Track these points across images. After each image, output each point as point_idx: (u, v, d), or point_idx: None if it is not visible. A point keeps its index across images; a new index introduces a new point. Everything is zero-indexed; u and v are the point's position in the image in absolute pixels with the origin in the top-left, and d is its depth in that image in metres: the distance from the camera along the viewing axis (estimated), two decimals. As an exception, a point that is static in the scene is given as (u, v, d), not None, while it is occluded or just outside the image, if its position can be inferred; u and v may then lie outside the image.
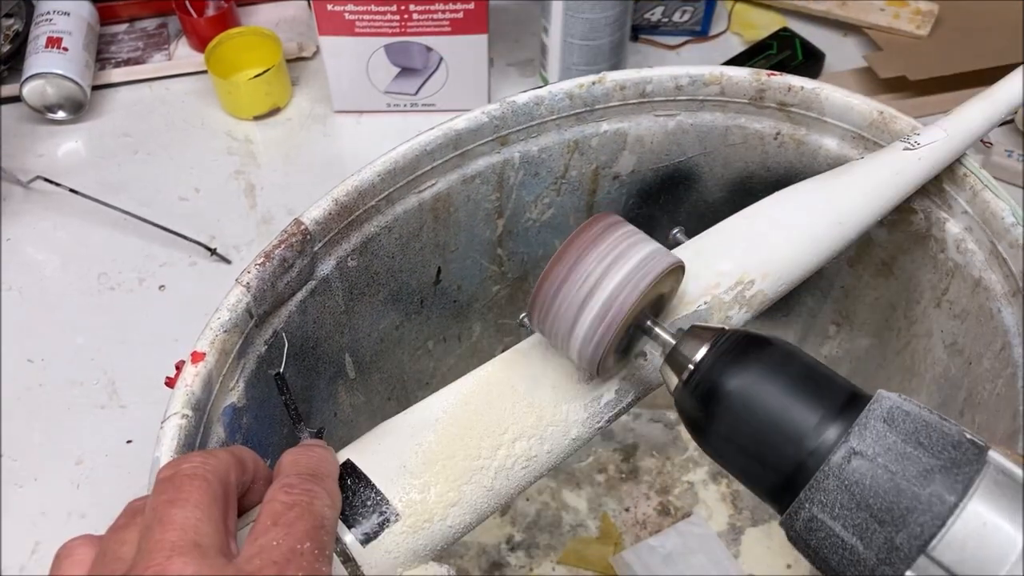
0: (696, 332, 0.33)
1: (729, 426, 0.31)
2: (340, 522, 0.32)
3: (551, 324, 0.35)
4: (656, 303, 0.37)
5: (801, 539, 0.29)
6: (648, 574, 0.60)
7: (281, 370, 0.41)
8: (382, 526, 0.33)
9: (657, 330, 0.35)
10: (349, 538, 0.32)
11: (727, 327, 0.33)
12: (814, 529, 0.28)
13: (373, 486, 0.33)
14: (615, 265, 0.33)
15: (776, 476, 0.30)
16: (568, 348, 0.35)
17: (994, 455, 0.27)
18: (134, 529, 0.27)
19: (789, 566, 0.62)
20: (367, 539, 0.32)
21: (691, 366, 0.32)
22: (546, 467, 0.38)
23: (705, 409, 0.31)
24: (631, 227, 0.35)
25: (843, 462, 0.28)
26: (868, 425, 0.28)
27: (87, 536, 0.28)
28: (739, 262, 0.40)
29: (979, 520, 0.26)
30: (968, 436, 0.28)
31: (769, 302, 0.41)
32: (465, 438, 0.36)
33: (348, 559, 0.31)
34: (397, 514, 0.33)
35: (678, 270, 0.35)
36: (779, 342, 0.32)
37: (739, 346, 0.32)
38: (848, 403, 0.29)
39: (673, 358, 0.34)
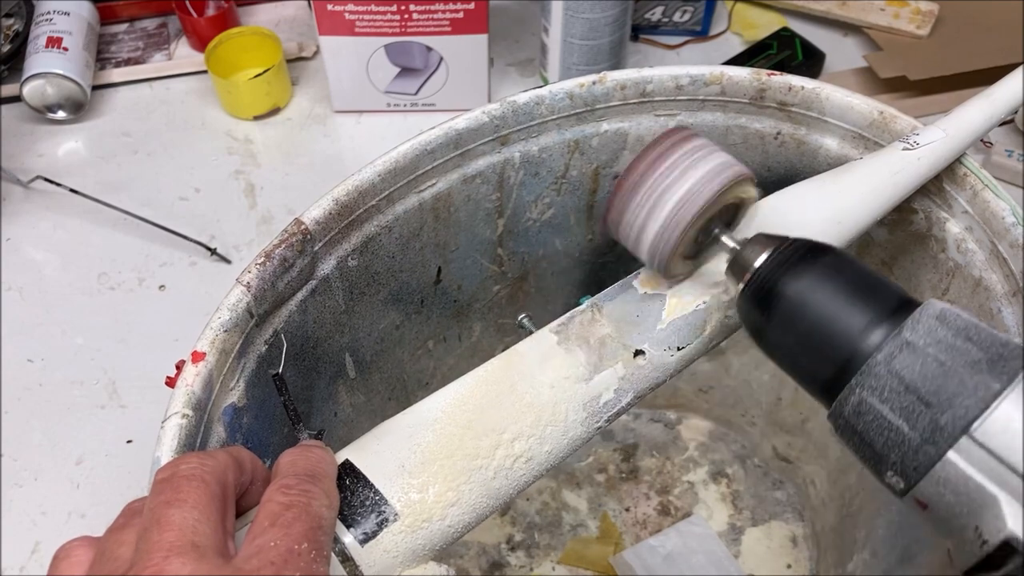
0: (759, 239, 0.35)
1: (785, 327, 0.32)
2: (339, 522, 0.32)
3: (625, 224, 0.37)
4: (727, 212, 0.38)
5: (848, 425, 0.30)
6: (648, 574, 0.60)
7: (280, 371, 0.41)
8: (381, 526, 0.33)
9: (724, 238, 0.37)
10: (348, 538, 0.32)
11: (790, 236, 0.35)
12: (862, 413, 0.30)
13: (372, 486, 0.33)
14: (688, 171, 0.36)
15: (827, 371, 0.31)
16: (639, 247, 0.37)
17: None
18: (132, 530, 0.27)
19: (789, 566, 0.62)
20: (366, 539, 0.32)
21: (752, 270, 0.34)
22: (545, 467, 0.38)
23: (763, 311, 0.33)
24: (702, 140, 0.37)
25: (895, 351, 0.29)
26: (921, 320, 0.30)
27: (85, 537, 0.28)
28: None
29: (1021, 409, 0.27)
30: (1016, 340, 0.29)
31: None
32: (464, 438, 0.36)
33: (347, 559, 0.31)
34: (396, 514, 0.33)
35: (747, 181, 0.37)
36: (837, 250, 0.33)
37: (797, 253, 0.33)
38: (900, 306, 0.31)
39: (736, 263, 0.35)
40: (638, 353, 0.39)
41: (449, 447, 0.35)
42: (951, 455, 0.28)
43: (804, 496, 0.64)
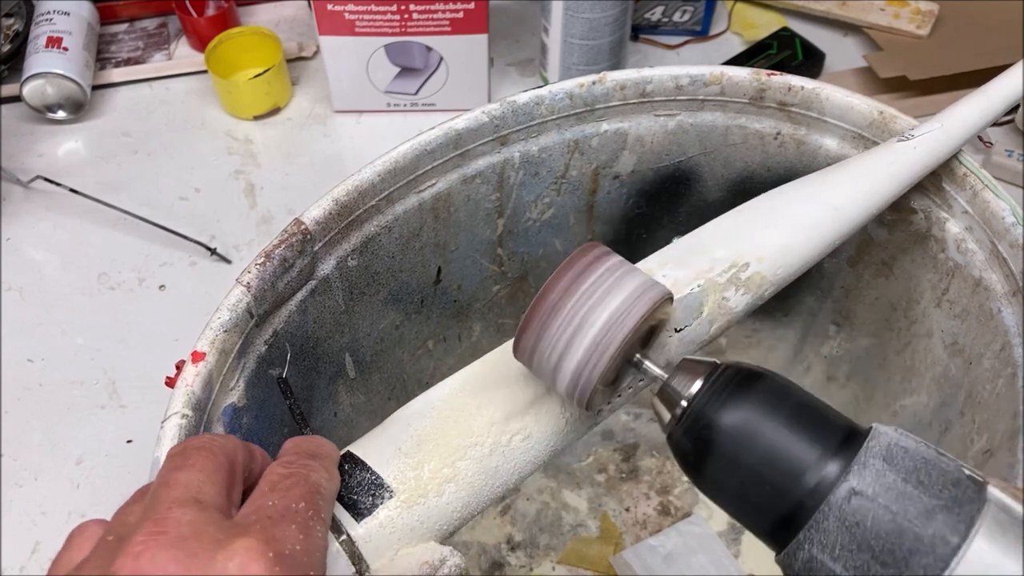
0: (687, 366, 0.32)
1: (725, 464, 0.30)
2: (337, 503, 0.33)
3: (540, 353, 0.34)
4: (646, 334, 0.36)
5: None
6: (648, 574, 0.60)
7: (284, 374, 0.41)
8: (377, 503, 0.33)
9: (647, 364, 0.34)
10: (344, 516, 0.33)
11: (719, 360, 0.32)
12: (814, 570, 0.28)
13: (369, 468, 0.34)
14: (601, 303, 0.33)
15: (774, 515, 0.29)
16: (557, 377, 0.34)
17: (993, 491, 0.27)
18: (141, 504, 0.28)
19: (789, 566, 0.62)
20: (361, 515, 0.33)
21: (684, 403, 0.31)
22: (546, 447, 0.37)
23: (700, 447, 0.31)
24: (617, 259, 0.34)
25: (843, 502, 0.27)
26: (867, 464, 0.28)
27: (99, 519, 0.29)
28: (733, 248, 0.40)
29: (982, 561, 0.26)
30: (967, 472, 0.27)
31: (770, 286, 0.40)
32: (458, 419, 0.36)
33: (343, 535, 0.32)
34: (392, 491, 0.34)
35: (667, 301, 0.35)
36: (773, 375, 0.31)
37: (733, 381, 0.31)
38: (846, 439, 0.29)
39: (665, 394, 0.33)
40: (631, 376, 0.39)
41: (443, 427, 0.36)
42: None
43: (804, 496, 0.64)
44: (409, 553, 0.33)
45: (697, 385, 0.31)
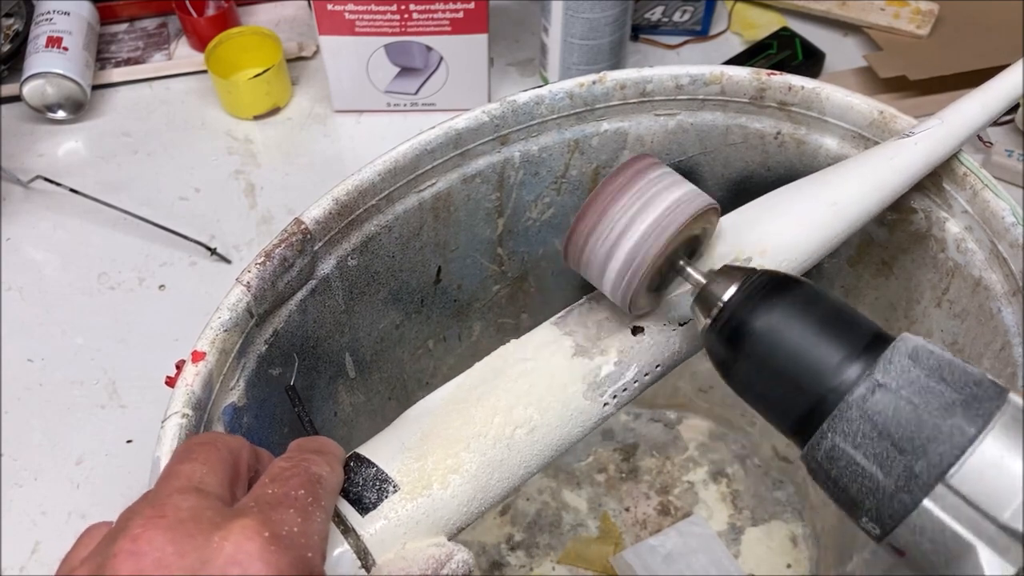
0: (726, 272, 0.34)
1: (755, 363, 0.32)
2: (341, 498, 0.33)
3: (585, 264, 0.36)
4: (691, 243, 0.37)
5: (822, 469, 0.30)
6: (648, 574, 0.60)
7: (292, 383, 0.42)
8: (381, 496, 0.33)
9: (689, 270, 0.36)
10: (348, 510, 0.33)
11: (757, 267, 0.34)
12: (835, 458, 0.29)
13: (373, 464, 0.34)
14: (646, 208, 0.35)
15: (799, 410, 0.30)
16: (603, 280, 0.36)
17: (1014, 396, 0.28)
18: (146, 500, 0.28)
19: (789, 566, 0.62)
20: (366, 510, 0.33)
21: (720, 304, 0.33)
22: (551, 441, 0.37)
23: (732, 347, 0.32)
24: (665, 169, 0.36)
25: (867, 394, 0.29)
26: (893, 360, 0.29)
27: (108, 521, 0.29)
28: (733, 244, 0.41)
29: (997, 453, 0.27)
30: (990, 377, 0.29)
31: None
32: (461, 412, 0.37)
33: (348, 530, 0.32)
34: (396, 485, 0.34)
35: (712, 212, 0.36)
36: (807, 283, 0.33)
37: (767, 286, 0.32)
38: (873, 342, 0.30)
39: (703, 297, 0.34)
40: (637, 330, 0.39)
41: (447, 420, 0.36)
42: (926, 503, 0.27)
43: (804, 496, 0.64)
44: (416, 547, 0.33)
45: (732, 289, 0.33)
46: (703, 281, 0.35)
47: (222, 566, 0.24)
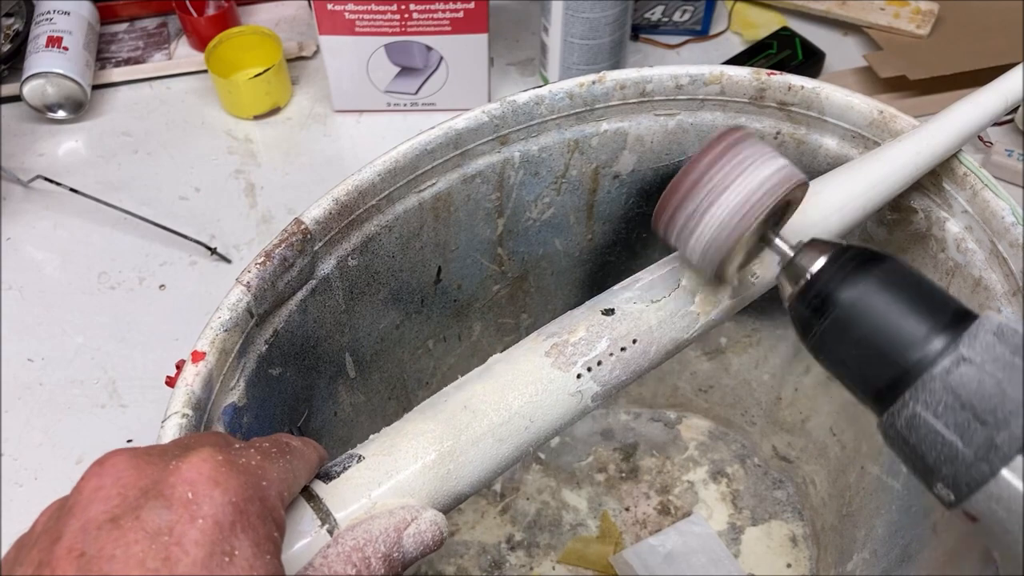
0: (815, 244, 0.35)
1: (839, 334, 0.33)
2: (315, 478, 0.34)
3: (676, 228, 0.37)
4: (778, 213, 0.38)
5: (900, 436, 0.30)
6: (648, 574, 0.60)
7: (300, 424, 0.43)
8: (346, 467, 0.34)
9: (777, 241, 0.37)
10: (315, 482, 0.33)
11: (845, 242, 0.35)
12: (915, 427, 0.30)
13: (351, 451, 0.35)
14: (747, 174, 0.35)
15: (882, 379, 0.31)
16: (691, 252, 0.37)
17: None
18: None
19: (789, 566, 0.62)
20: (331, 478, 0.33)
21: (808, 276, 0.34)
22: (522, 407, 0.37)
23: (818, 317, 0.33)
24: (760, 141, 0.37)
25: (951, 367, 0.29)
26: (978, 336, 0.30)
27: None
28: None
29: None
30: None
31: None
32: (433, 403, 0.37)
33: (311, 496, 0.32)
34: (361, 456, 0.34)
35: (802, 186, 0.37)
36: (894, 257, 0.34)
37: (855, 260, 0.33)
38: (957, 318, 0.31)
39: (791, 268, 0.35)
40: (607, 312, 0.39)
41: (422, 407, 0.37)
42: (1005, 472, 0.28)
43: (804, 496, 0.64)
44: (383, 505, 0.33)
45: (821, 262, 0.34)
46: (791, 253, 0.36)
47: (174, 483, 0.26)
